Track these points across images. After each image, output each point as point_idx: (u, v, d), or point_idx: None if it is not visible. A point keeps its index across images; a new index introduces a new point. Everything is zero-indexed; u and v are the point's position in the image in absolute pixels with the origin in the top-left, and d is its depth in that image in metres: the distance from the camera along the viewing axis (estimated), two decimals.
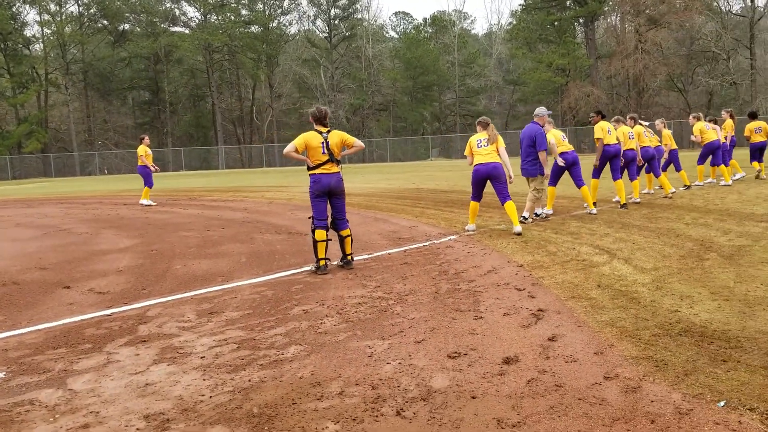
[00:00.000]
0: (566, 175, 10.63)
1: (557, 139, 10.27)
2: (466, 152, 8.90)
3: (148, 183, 16.65)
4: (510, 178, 8.70)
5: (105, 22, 67.92)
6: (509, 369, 3.74)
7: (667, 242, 7.55)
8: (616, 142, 11.00)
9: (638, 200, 11.75)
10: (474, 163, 8.72)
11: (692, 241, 7.56)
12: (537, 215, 10.07)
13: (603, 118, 11.09)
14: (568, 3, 63.66)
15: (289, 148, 6.70)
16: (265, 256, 7.98)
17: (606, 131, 10.82)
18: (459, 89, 71.40)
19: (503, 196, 8.64)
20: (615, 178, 11.10)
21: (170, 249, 8.84)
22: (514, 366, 3.79)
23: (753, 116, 16.15)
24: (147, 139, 16.90)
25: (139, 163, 16.59)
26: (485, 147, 8.65)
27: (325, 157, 6.80)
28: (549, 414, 3.11)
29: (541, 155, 9.46)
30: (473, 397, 3.36)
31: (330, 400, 3.42)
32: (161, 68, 68.01)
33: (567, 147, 10.36)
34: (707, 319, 4.47)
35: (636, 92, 59.88)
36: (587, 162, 15.71)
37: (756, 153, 15.97)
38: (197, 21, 69.71)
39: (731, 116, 15.66)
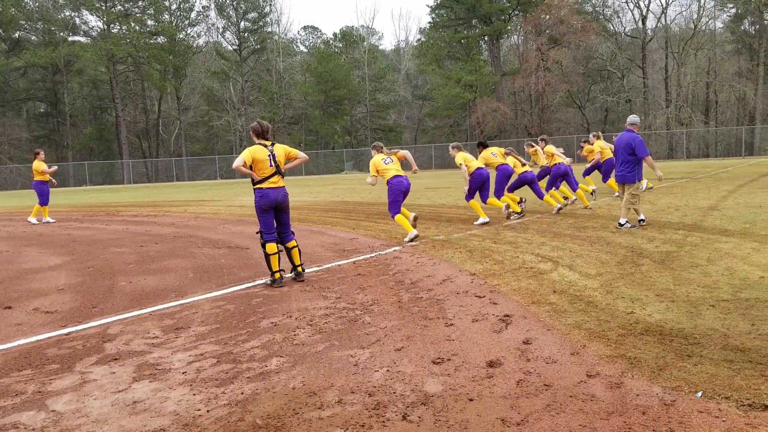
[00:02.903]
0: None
1: (467, 158, 11.00)
2: (372, 173, 9.54)
3: (44, 200, 15.74)
4: (415, 170, 10.04)
5: None
6: (495, 372, 3.91)
7: (601, 249, 8.00)
8: (503, 162, 12.03)
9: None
10: (391, 177, 9.40)
11: (623, 248, 8.04)
12: (642, 221, 10.05)
13: (485, 147, 12.23)
14: (474, 22, 65.82)
15: (238, 162, 6.68)
16: (212, 270, 7.85)
17: (491, 155, 11.95)
18: (370, 103, 72.12)
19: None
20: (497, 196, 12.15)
21: (108, 266, 8.53)
22: (499, 369, 3.96)
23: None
24: (42, 154, 15.97)
25: (37, 179, 15.67)
26: (392, 163, 9.55)
27: (272, 170, 6.81)
28: (547, 411, 3.30)
29: (647, 160, 9.73)
30: (471, 400, 3.50)
31: (331, 408, 3.47)
32: (60, 79, 64.93)
33: (479, 164, 11.18)
34: (661, 319, 4.81)
35: (539, 108, 62.56)
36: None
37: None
38: (99, 30, 67.07)
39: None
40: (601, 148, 15.58)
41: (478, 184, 11.15)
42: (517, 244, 8.80)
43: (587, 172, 16.63)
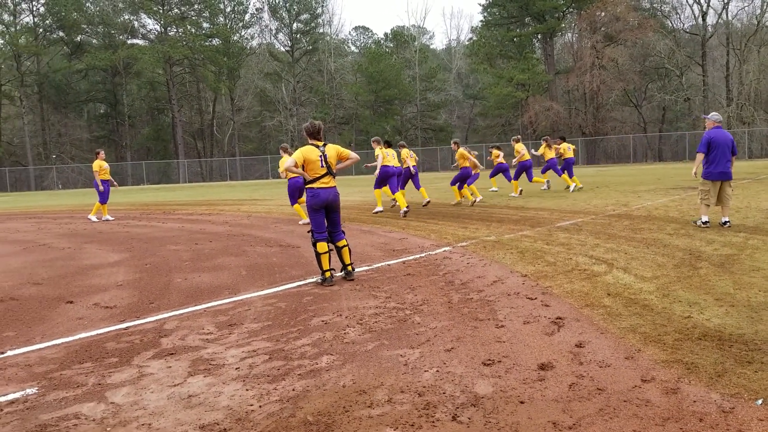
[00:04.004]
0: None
1: (384, 155, 13.57)
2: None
3: (104, 199, 16.05)
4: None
5: (61, 33, 66.56)
6: (547, 375, 3.86)
7: (657, 252, 7.80)
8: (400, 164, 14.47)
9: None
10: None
11: (681, 250, 7.83)
12: (706, 223, 9.79)
13: (389, 146, 14.35)
14: (527, 20, 64.95)
15: (289, 162, 6.77)
16: (264, 268, 7.98)
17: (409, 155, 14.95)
18: (420, 103, 72.03)
19: None
20: (394, 191, 13.95)
21: (164, 263, 8.76)
22: (551, 372, 3.90)
23: (563, 139, 19.66)
24: (103, 154, 16.33)
25: (101, 178, 15.96)
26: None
27: (324, 170, 6.88)
28: (600, 416, 3.24)
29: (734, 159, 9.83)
30: (522, 402, 3.46)
31: (381, 407, 3.48)
32: (119, 81, 66.98)
33: (391, 162, 13.79)
34: (720, 324, 4.67)
35: (593, 107, 61.39)
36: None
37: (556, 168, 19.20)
38: (157, 33, 68.86)
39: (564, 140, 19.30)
40: (517, 151, 17.82)
41: (386, 178, 13.72)
42: (570, 245, 8.66)
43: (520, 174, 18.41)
